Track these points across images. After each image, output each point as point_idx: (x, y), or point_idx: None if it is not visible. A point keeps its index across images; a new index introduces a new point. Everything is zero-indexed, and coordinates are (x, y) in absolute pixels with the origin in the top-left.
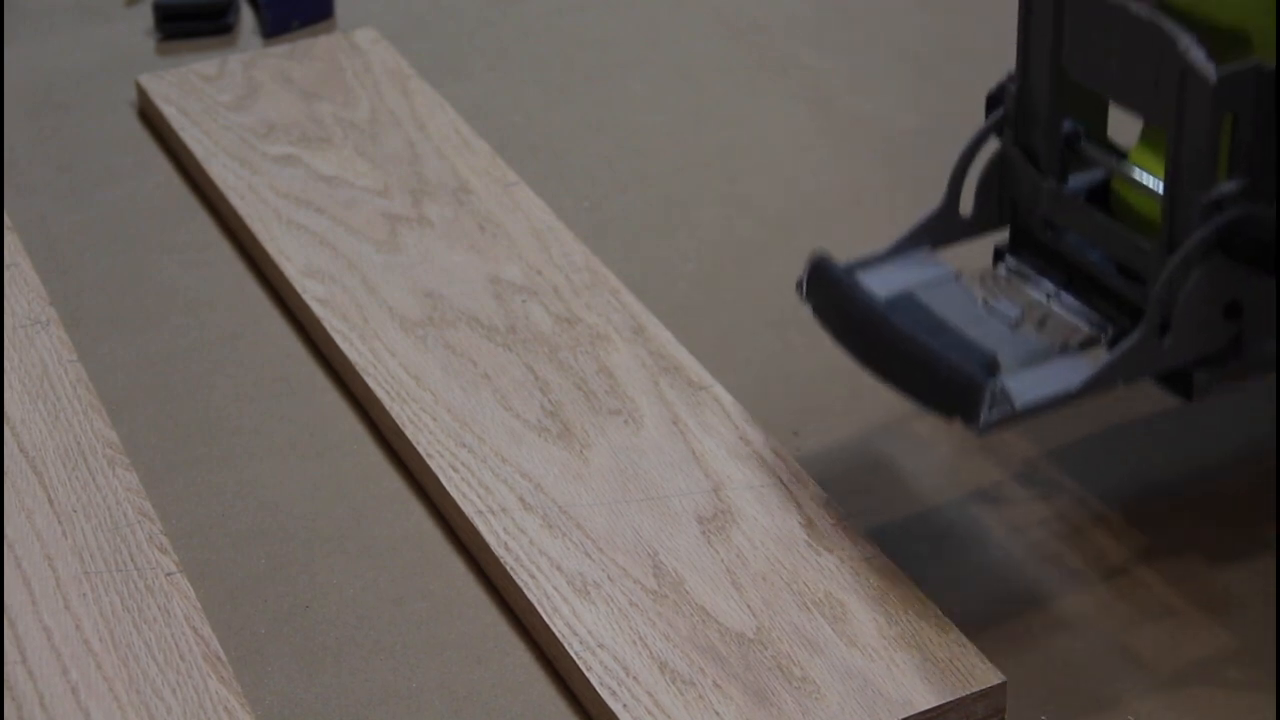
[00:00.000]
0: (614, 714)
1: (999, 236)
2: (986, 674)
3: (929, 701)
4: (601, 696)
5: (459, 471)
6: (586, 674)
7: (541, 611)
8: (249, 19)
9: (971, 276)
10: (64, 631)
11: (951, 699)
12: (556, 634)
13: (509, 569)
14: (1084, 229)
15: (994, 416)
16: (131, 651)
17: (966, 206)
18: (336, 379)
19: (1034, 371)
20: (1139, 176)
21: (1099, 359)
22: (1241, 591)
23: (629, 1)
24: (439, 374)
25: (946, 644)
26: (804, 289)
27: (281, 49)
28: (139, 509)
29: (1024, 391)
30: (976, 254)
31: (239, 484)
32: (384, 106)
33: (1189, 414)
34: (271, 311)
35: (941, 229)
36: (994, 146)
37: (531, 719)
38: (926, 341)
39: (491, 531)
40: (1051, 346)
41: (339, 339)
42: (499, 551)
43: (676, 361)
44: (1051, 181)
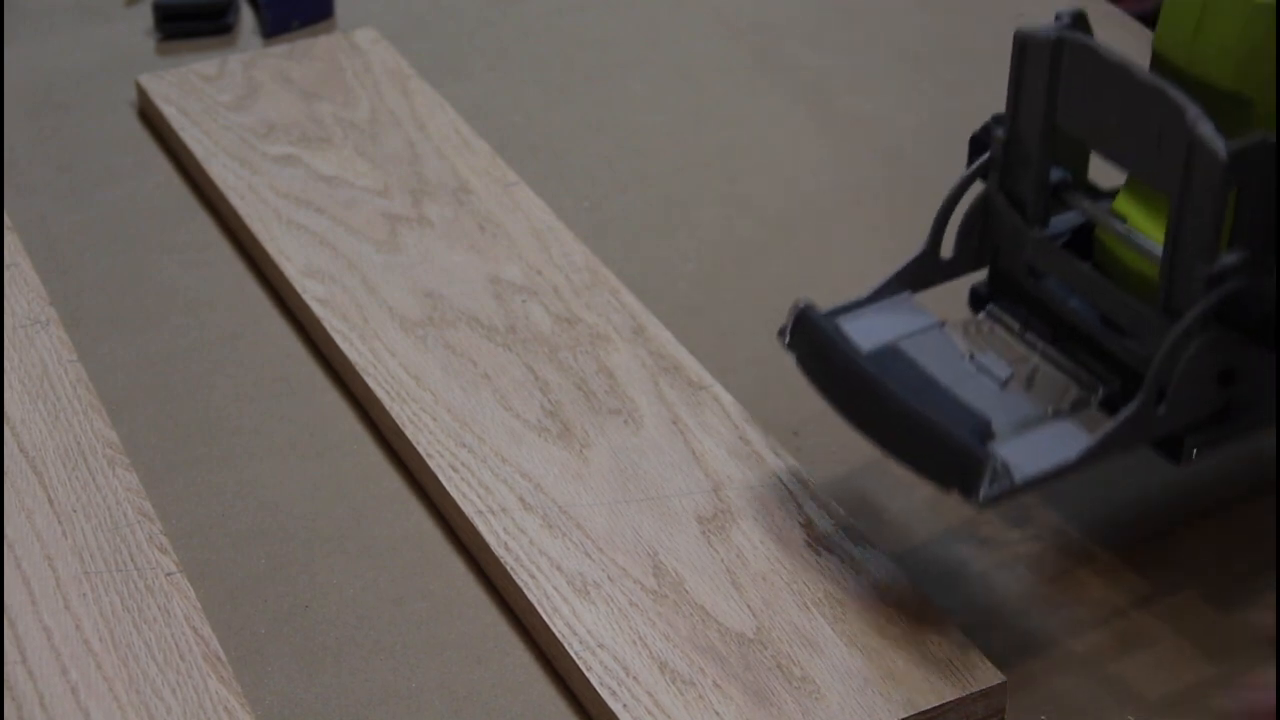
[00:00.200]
0: (614, 714)
1: (976, 278)
2: (987, 674)
3: (929, 701)
4: (601, 696)
5: (459, 471)
6: (586, 674)
7: (541, 611)
8: (249, 19)
9: (954, 326)
10: (64, 631)
11: (952, 699)
12: (556, 634)
13: (509, 569)
14: (1068, 278)
15: (994, 491)
16: (131, 651)
17: (946, 249)
18: (336, 379)
19: (1029, 440)
20: (1127, 231)
21: (1093, 423)
22: (1241, 624)
23: (629, 1)
24: (439, 374)
25: (946, 644)
26: (787, 338)
27: (281, 49)
28: (139, 509)
29: (1022, 463)
30: (954, 291)
31: (239, 484)
32: (384, 106)
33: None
34: (271, 311)
35: (923, 273)
36: (976, 188)
37: (531, 719)
38: (920, 407)
39: (491, 531)
40: (1043, 409)
41: (339, 339)
42: (499, 551)
43: (676, 361)
44: (1037, 229)
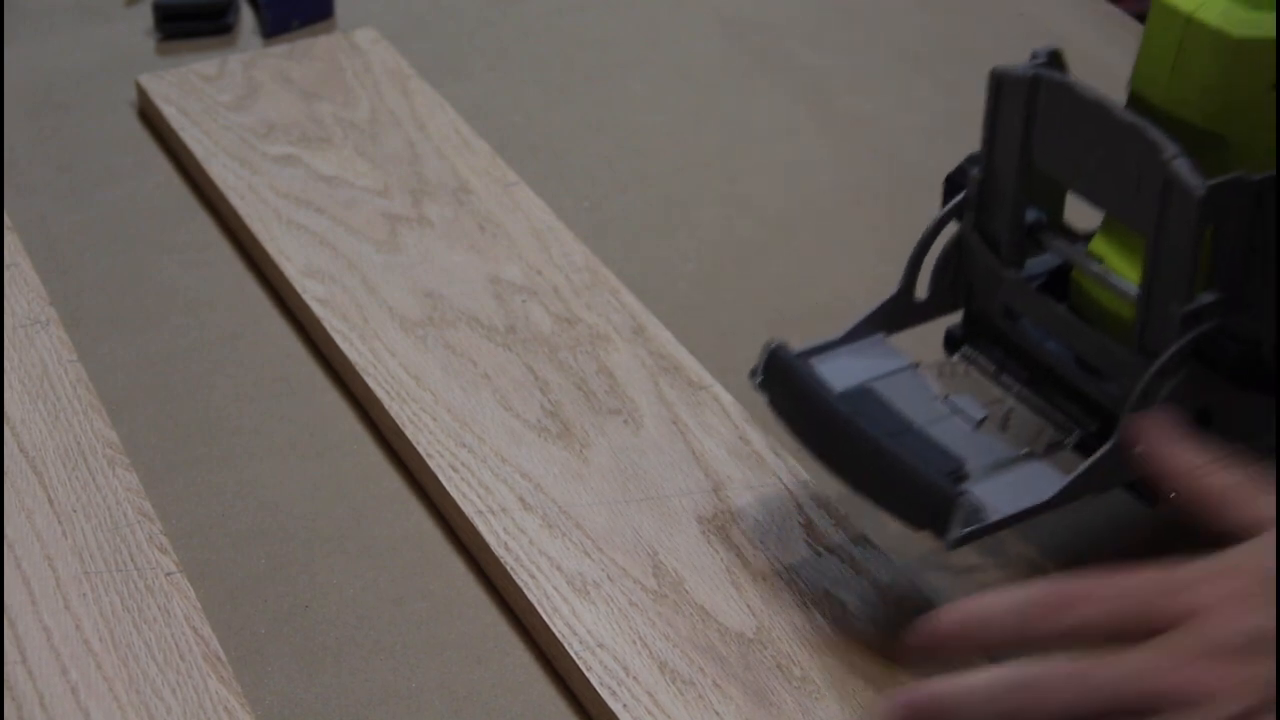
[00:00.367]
0: (614, 714)
1: (952, 320)
2: None
3: None
4: (601, 696)
5: (459, 471)
6: (586, 674)
7: (541, 611)
8: (249, 19)
9: (929, 368)
10: (64, 631)
11: None
12: (556, 634)
13: (509, 569)
14: (1044, 320)
15: (964, 532)
16: (131, 651)
17: (921, 290)
18: (336, 379)
19: (1002, 480)
20: (1103, 272)
21: (1067, 464)
22: None
23: (629, 1)
24: (439, 374)
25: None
26: (759, 378)
27: (281, 49)
28: (139, 509)
29: (994, 503)
30: (933, 330)
31: (239, 484)
32: (384, 106)
33: None
34: (271, 311)
35: (897, 314)
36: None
37: (531, 719)
38: (892, 448)
39: (491, 531)
40: (1017, 451)
41: (339, 339)
42: (499, 551)
43: (676, 361)
44: (1012, 270)
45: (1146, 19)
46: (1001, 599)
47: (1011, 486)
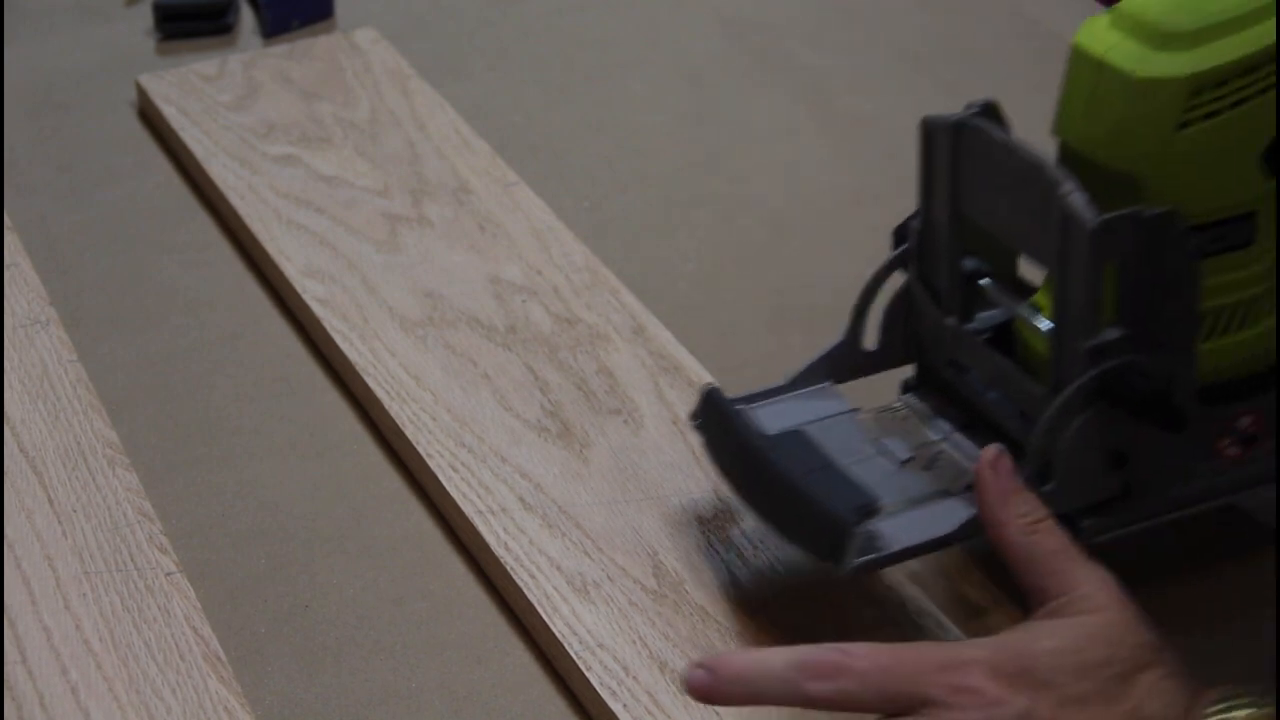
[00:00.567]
0: (614, 714)
1: (906, 372)
2: None
3: None
4: (601, 696)
5: (459, 471)
6: (586, 674)
7: (541, 611)
8: (249, 19)
9: (869, 413)
10: (64, 631)
11: None
12: (556, 634)
13: (509, 569)
14: (983, 370)
15: (860, 561)
16: (131, 651)
17: (869, 340)
18: (336, 379)
19: (910, 515)
20: (1028, 314)
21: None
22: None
23: (629, 1)
24: (439, 374)
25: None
26: (695, 420)
27: (281, 49)
28: (139, 509)
29: (896, 535)
30: (886, 383)
31: (239, 484)
32: (384, 106)
33: None
34: (271, 311)
35: (844, 363)
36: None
37: (531, 719)
38: (798, 482)
39: (491, 531)
40: (935, 489)
41: (339, 339)
42: (499, 551)
43: (676, 361)
44: (953, 320)
45: (1067, 64)
46: (776, 657)
47: (916, 521)
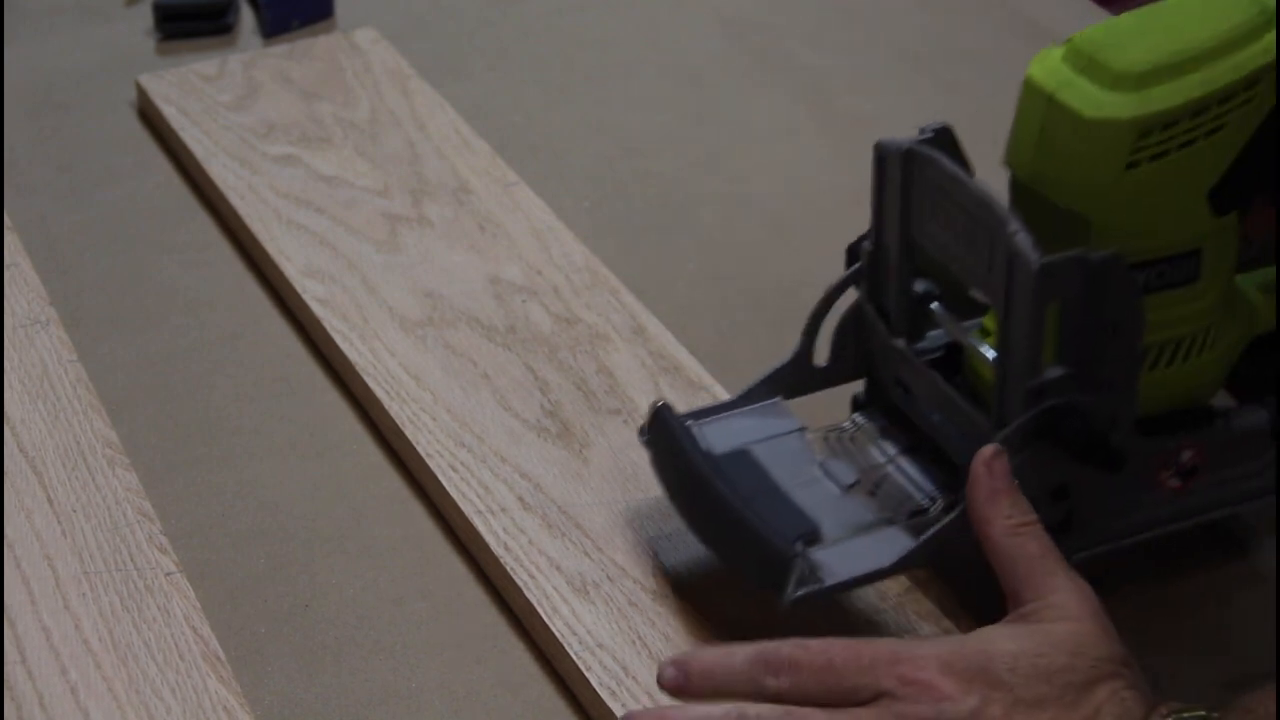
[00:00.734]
0: (614, 714)
1: (857, 387)
2: None
3: None
4: (601, 697)
5: (458, 471)
6: (586, 674)
7: (541, 611)
8: (249, 19)
9: (817, 433)
10: (63, 631)
11: None
12: (556, 634)
13: (508, 569)
14: (928, 394)
15: (800, 592)
16: (131, 651)
17: (820, 356)
18: (336, 379)
19: (851, 545)
20: (974, 343)
21: (920, 531)
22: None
23: (629, 1)
24: (439, 374)
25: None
26: (645, 436)
27: (281, 49)
28: (139, 509)
29: (835, 566)
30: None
31: (239, 484)
32: (384, 106)
33: None
34: (271, 311)
35: (795, 379)
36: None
37: (531, 719)
38: (742, 509)
39: (491, 531)
40: (878, 516)
41: (339, 339)
42: (498, 551)
43: (676, 361)
44: (901, 342)
45: (1019, 96)
46: (739, 653)
47: (858, 551)
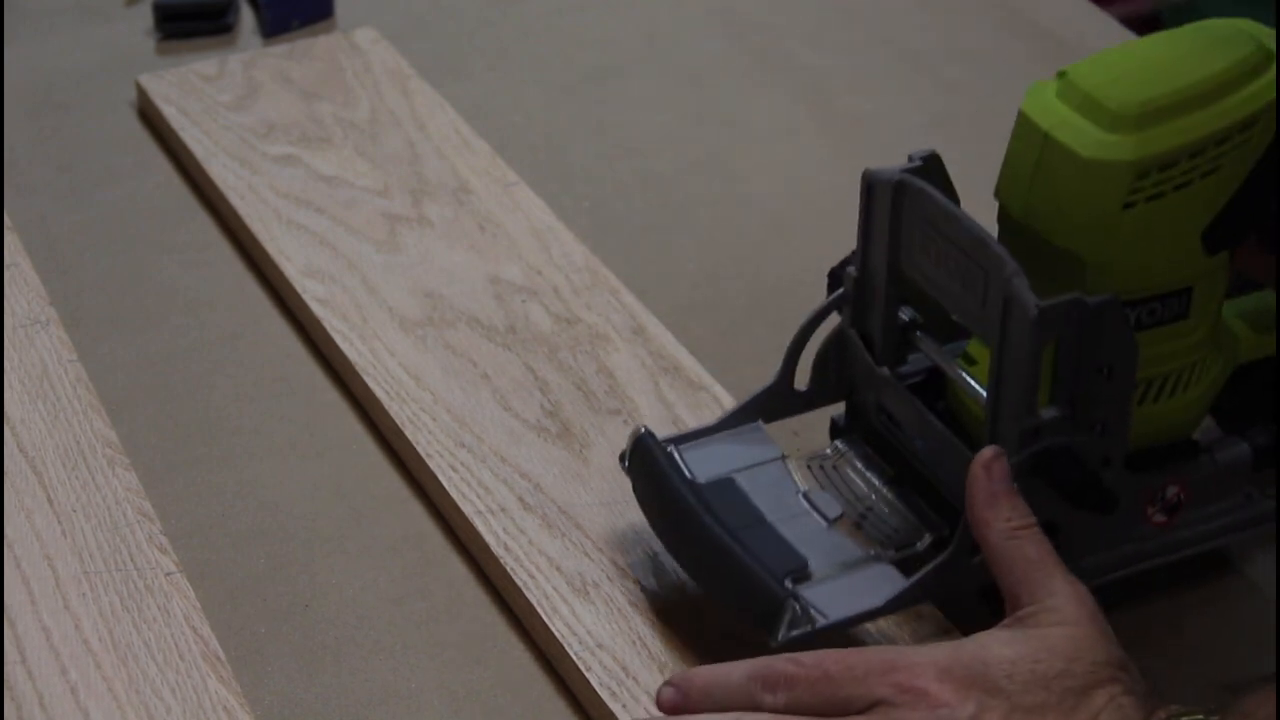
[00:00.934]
0: (614, 714)
1: (838, 408)
2: None
3: None
4: (601, 697)
5: (458, 471)
6: (586, 674)
7: (541, 611)
8: (249, 19)
9: (797, 460)
10: (63, 631)
11: None
12: (556, 634)
13: (508, 569)
14: (914, 424)
15: (792, 634)
16: (131, 651)
17: (801, 380)
18: (336, 379)
19: (840, 583)
20: (962, 376)
21: (911, 568)
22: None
23: (629, 1)
24: (439, 374)
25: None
26: (626, 464)
27: (281, 49)
28: (139, 509)
29: (826, 607)
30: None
31: (239, 484)
32: (384, 106)
33: None
34: (271, 311)
35: (776, 403)
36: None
37: (531, 719)
38: (732, 546)
39: (491, 531)
40: (865, 553)
41: (339, 339)
42: (498, 551)
43: (676, 361)
44: (886, 370)
45: (1012, 129)
46: (736, 670)
47: (848, 590)
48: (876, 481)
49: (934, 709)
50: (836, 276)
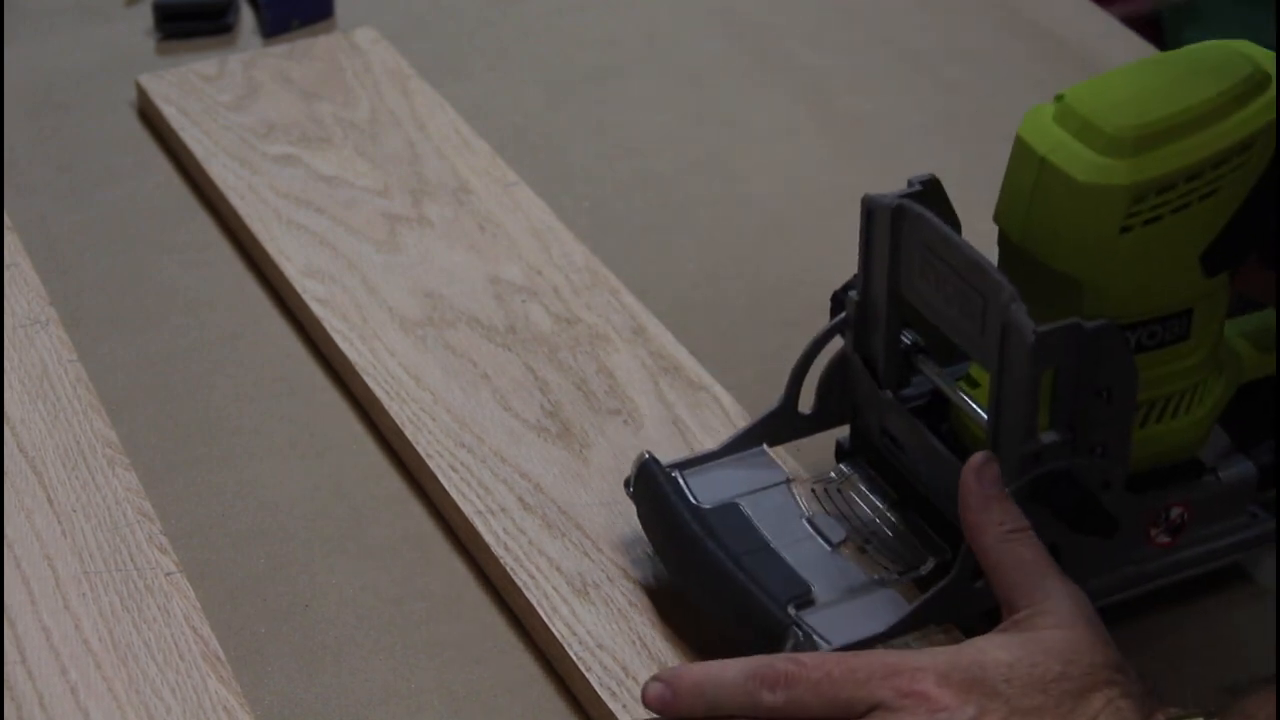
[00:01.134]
0: (614, 715)
1: (843, 431)
2: None
3: None
4: (601, 698)
5: (458, 471)
6: (586, 675)
7: (541, 612)
8: (249, 19)
9: (803, 484)
10: (63, 631)
11: None
12: (556, 634)
13: (508, 569)
14: (918, 448)
15: None
16: (131, 651)
17: (805, 403)
18: (336, 379)
19: (844, 608)
20: (963, 400)
21: (914, 593)
22: None
23: (629, 1)
24: (439, 374)
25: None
26: (630, 489)
27: (281, 49)
28: (139, 509)
29: (830, 632)
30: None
31: (239, 484)
32: (384, 106)
33: None
34: (271, 311)
35: (780, 426)
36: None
37: (531, 719)
38: (736, 571)
39: (490, 532)
40: (869, 577)
41: (339, 339)
42: (498, 552)
43: (676, 361)
44: (889, 394)
45: (1010, 154)
46: (732, 668)
47: (851, 615)
48: (880, 505)
49: (934, 712)
50: (839, 300)
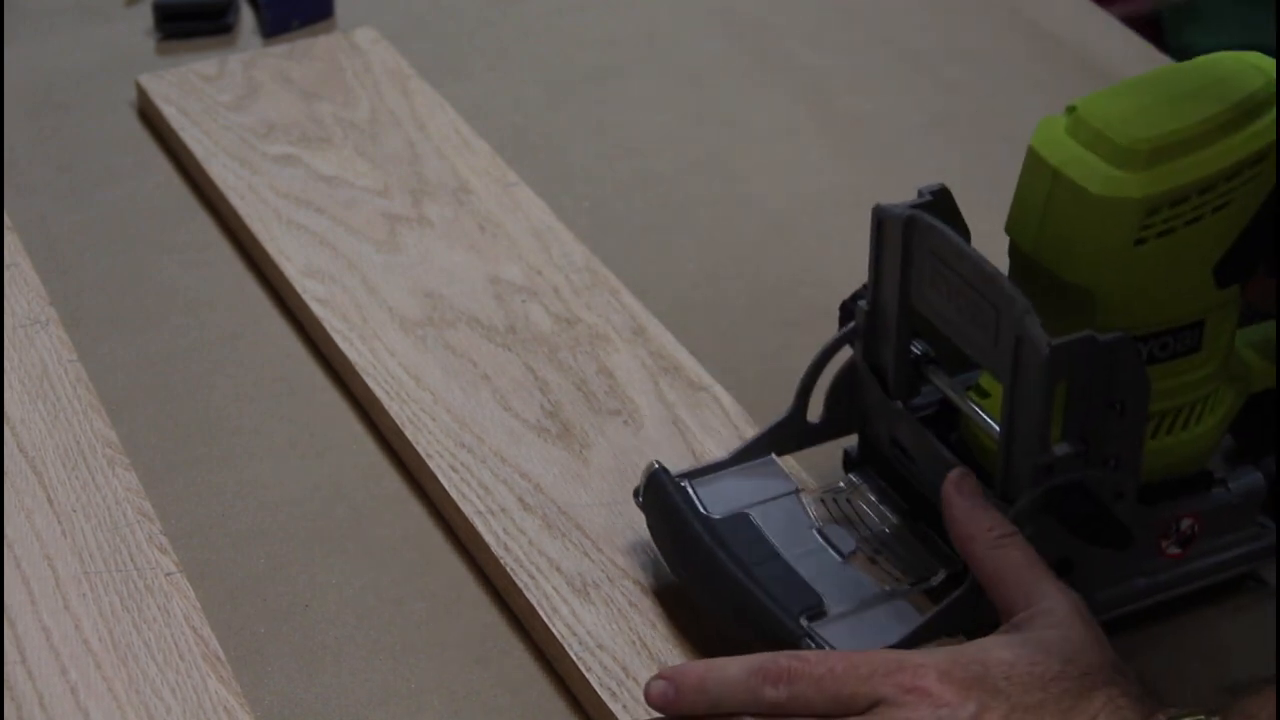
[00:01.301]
0: (614, 715)
1: (851, 440)
2: None
3: None
4: (601, 698)
5: (458, 472)
6: (586, 675)
7: (541, 612)
8: (249, 19)
9: (811, 494)
10: (63, 631)
11: None
12: (556, 634)
13: (508, 569)
14: (928, 459)
15: None
16: (131, 651)
17: (814, 412)
18: (336, 379)
19: (855, 620)
20: (973, 411)
21: (925, 604)
22: None
23: (629, 1)
24: (439, 374)
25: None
26: (640, 499)
27: (281, 49)
28: (139, 509)
29: (841, 644)
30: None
31: (239, 484)
32: (384, 106)
33: None
34: (271, 311)
35: (789, 436)
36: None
37: (531, 719)
38: (747, 583)
39: (490, 532)
40: (879, 588)
41: (339, 339)
42: (498, 552)
43: (676, 361)
44: (899, 404)
45: (1022, 165)
46: (734, 665)
47: (862, 627)
48: (890, 515)
49: (936, 709)
50: (848, 310)
